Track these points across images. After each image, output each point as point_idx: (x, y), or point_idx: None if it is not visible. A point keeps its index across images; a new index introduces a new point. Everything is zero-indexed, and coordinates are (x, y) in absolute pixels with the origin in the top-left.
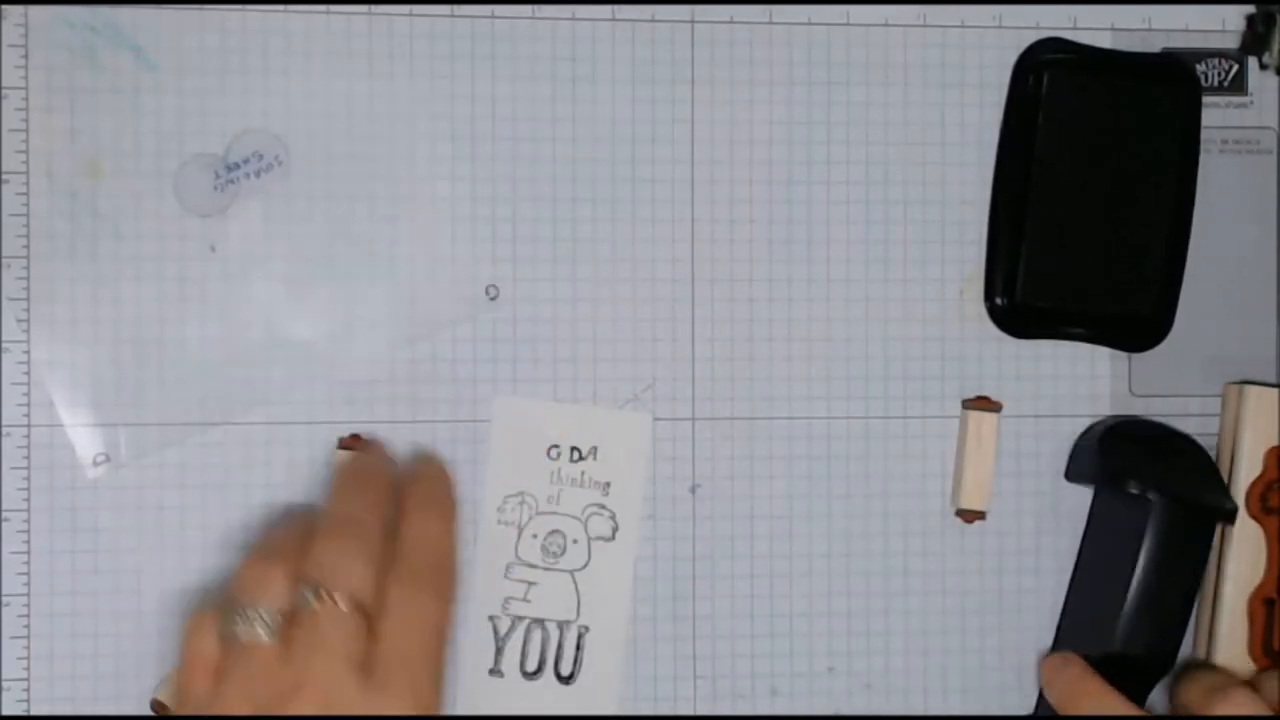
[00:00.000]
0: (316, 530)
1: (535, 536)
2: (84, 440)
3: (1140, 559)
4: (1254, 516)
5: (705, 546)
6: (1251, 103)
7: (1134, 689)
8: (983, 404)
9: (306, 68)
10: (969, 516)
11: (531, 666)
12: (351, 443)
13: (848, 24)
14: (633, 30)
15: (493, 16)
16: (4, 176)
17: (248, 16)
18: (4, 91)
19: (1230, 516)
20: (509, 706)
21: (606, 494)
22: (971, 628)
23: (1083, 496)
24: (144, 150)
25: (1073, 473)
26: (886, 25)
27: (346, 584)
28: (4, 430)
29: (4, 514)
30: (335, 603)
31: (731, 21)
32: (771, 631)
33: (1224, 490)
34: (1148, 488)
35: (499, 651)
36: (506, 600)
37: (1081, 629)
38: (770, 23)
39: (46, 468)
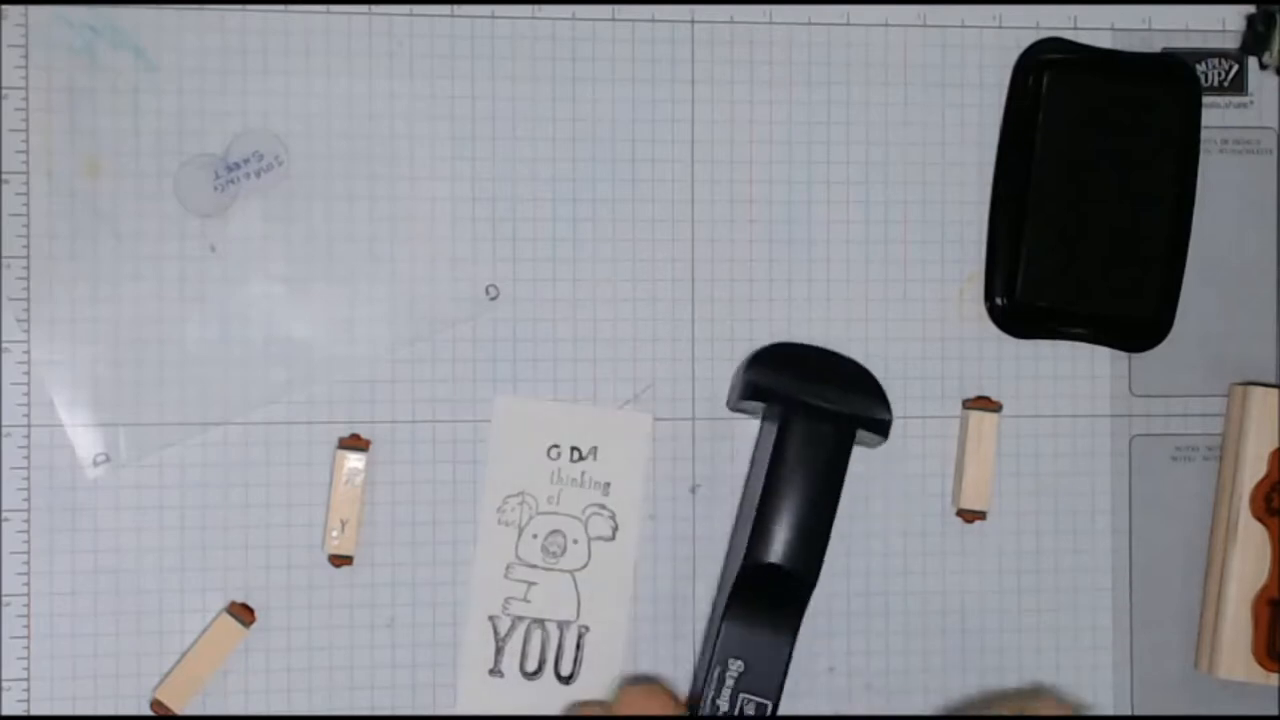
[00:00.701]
0: None
1: (535, 536)
2: (84, 440)
3: (767, 470)
4: (1258, 518)
5: (705, 546)
6: (1251, 103)
7: (782, 601)
8: (983, 404)
9: (306, 67)
10: (969, 516)
11: (531, 666)
12: (351, 442)
13: (848, 24)
14: (633, 30)
15: (493, 16)
16: (4, 176)
17: (248, 16)
18: (4, 91)
19: (872, 424)
20: (509, 706)
21: (606, 494)
22: (972, 628)
23: (1084, 495)
24: (144, 150)
25: (731, 400)
26: (886, 25)
27: None
28: (4, 430)
29: (4, 514)
30: None
31: (731, 21)
32: None
33: (875, 402)
34: (776, 400)
35: (499, 651)
36: (506, 600)
37: (736, 547)
38: (770, 23)
39: (46, 468)
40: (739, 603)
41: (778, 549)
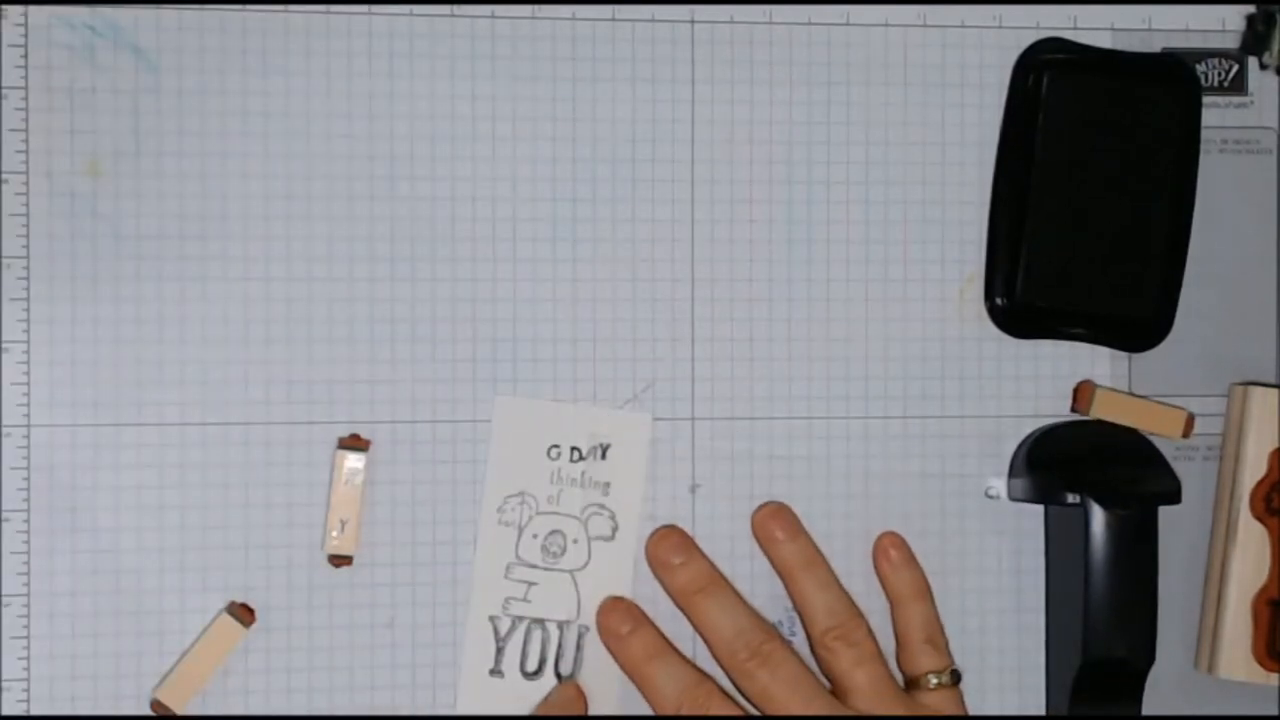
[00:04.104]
0: None
1: (535, 536)
2: (84, 440)
3: (1088, 565)
4: (1258, 518)
5: (705, 546)
6: (1251, 103)
7: (1122, 691)
8: None
9: (307, 68)
10: None
11: (531, 666)
12: (351, 442)
13: (848, 24)
14: (633, 30)
15: (493, 16)
16: (4, 176)
17: (248, 16)
18: (4, 91)
19: (1170, 497)
20: (509, 706)
21: (606, 494)
22: (972, 628)
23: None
24: (144, 150)
25: (1013, 494)
26: (886, 25)
27: None
28: (4, 430)
29: (4, 514)
30: None
31: (731, 21)
32: None
33: (1161, 472)
34: (1079, 494)
35: (499, 651)
36: (506, 600)
37: (1064, 642)
38: (770, 23)
39: (46, 468)
40: (1082, 702)
41: (1113, 642)
